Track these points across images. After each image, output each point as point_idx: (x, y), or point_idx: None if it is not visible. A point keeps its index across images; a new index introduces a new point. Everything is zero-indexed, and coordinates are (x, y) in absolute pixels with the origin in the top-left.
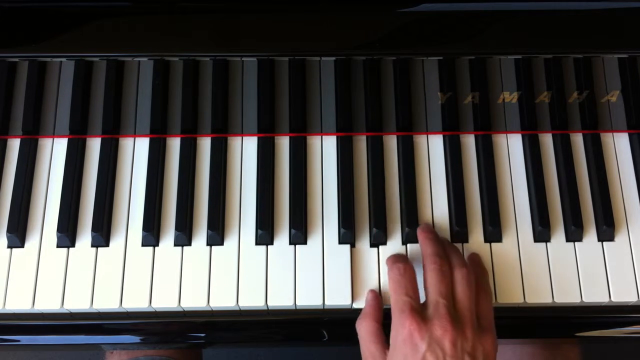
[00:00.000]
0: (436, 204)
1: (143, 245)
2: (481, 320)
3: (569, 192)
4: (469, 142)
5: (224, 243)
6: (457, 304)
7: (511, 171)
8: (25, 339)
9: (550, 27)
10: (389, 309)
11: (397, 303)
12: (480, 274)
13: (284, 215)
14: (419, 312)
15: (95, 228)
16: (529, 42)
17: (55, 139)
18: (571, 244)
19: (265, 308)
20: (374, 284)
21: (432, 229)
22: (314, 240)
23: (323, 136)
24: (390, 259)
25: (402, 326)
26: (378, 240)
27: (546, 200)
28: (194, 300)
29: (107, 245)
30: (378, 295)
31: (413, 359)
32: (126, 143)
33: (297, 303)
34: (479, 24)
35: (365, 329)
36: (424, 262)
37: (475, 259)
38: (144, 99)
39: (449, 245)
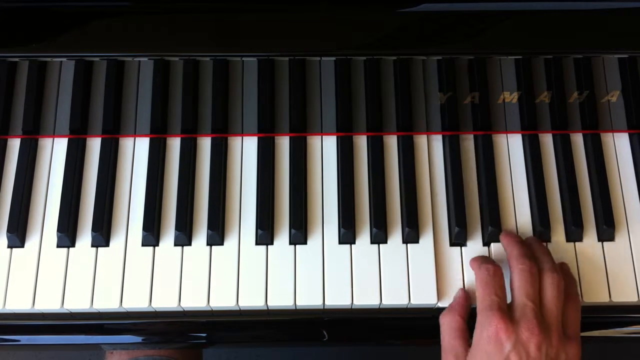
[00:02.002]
0: (436, 205)
1: (143, 245)
2: (567, 328)
3: (569, 192)
4: (469, 142)
5: (224, 243)
6: (544, 308)
7: (511, 171)
8: (25, 339)
9: (550, 27)
10: (474, 309)
11: (484, 301)
12: (569, 283)
13: (284, 215)
14: (506, 312)
15: (95, 228)
16: (529, 42)
17: (56, 139)
18: (571, 244)
19: (266, 308)
20: (374, 284)
21: (515, 234)
22: (314, 240)
23: (323, 136)
24: (476, 260)
25: (489, 324)
26: (378, 240)
27: (546, 200)
28: (194, 300)
29: (107, 245)
30: (467, 294)
31: (497, 357)
32: (126, 143)
33: (297, 303)
34: (479, 24)
35: (449, 324)
36: (510, 264)
37: (565, 268)
38: (144, 99)
39: (540, 247)
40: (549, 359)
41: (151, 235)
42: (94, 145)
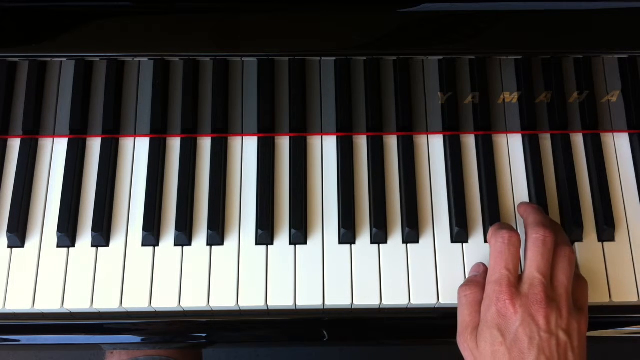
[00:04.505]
0: (436, 204)
1: (143, 245)
2: (577, 301)
3: (569, 192)
4: (469, 142)
5: (224, 243)
6: (556, 281)
7: (511, 171)
8: (25, 339)
9: (550, 27)
10: None
11: (494, 274)
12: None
13: (284, 215)
14: (515, 286)
15: (95, 228)
16: (529, 42)
17: (56, 139)
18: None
19: (266, 308)
20: (374, 284)
21: (534, 204)
22: (314, 240)
23: (323, 136)
24: (494, 226)
25: (497, 300)
26: (378, 240)
27: (546, 200)
28: (194, 300)
29: (107, 245)
30: (487, 268)
31: (506, 332)
32: (126, 143)
33: (297, 303)
34: (479, 24)
35: (473, 297)
36: (526, 231)
37: None
38: (144, 99)
39: (555, 223)
40: (561, 329)
41: (151, 235)
42: (94, 145)
